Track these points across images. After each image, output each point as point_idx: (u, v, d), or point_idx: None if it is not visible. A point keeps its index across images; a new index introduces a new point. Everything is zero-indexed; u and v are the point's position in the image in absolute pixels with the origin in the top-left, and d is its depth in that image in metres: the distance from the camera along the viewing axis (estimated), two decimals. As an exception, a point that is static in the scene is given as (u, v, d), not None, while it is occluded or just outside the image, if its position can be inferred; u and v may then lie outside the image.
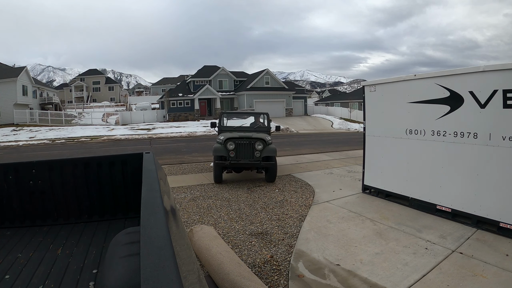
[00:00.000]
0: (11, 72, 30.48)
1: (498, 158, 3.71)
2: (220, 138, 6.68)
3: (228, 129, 7.72)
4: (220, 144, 6.56)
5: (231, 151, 6.42)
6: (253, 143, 6.47)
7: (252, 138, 6.52)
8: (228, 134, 6.84)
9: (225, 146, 6.44)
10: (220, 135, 7.10)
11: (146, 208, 1.15)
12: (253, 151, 6.45)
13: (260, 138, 6.53)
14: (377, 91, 5.47)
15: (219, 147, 6.52)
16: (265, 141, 6.56)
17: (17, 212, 2.77)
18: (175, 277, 0.72)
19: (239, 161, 6.45)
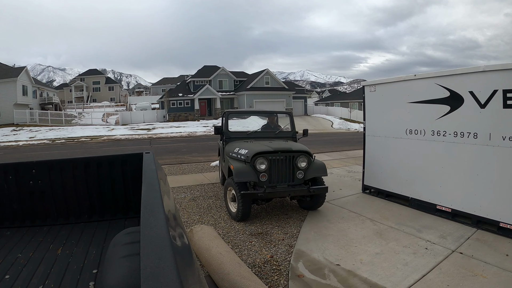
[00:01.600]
0: (11, 72, 30.47)
1: (498, 158, 3.71)
2: (242, 153, 4.45)
3: (238, 135, 5.49)
4: (243, 163, 4.31)
5: (262, 174, 4.22)
6: (294, 159, 4.37)
7: (292, 151, 4.40)
8: (248, 145, 4.71)
9: (253, 165, 4.22)
10: (233, 147, 4.90)
11: (146, 208, 1.15)
12: (294, 170, 4.39)
13: (303, 151, 4.46)
14: (377, 91, 5.47)
15: (244, 169, 4.21)
16: (310, 154, 4.51)
17: (17, 212, 2.77)
18: (175, 277, 0.72)
19: (274, 187, 4.30)
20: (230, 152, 4.84)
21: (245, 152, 4.38)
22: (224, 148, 5.38)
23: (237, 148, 4.70)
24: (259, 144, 4.76)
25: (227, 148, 5.12)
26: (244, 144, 4.84)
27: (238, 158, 4.50)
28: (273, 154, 4.32)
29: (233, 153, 4.72)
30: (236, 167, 4.27)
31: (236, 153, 4.62)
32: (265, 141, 5.04)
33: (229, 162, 4.67)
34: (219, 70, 38.66)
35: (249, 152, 4.33)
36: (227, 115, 5.82)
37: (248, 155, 4.28)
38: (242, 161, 4.37)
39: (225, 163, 5.30)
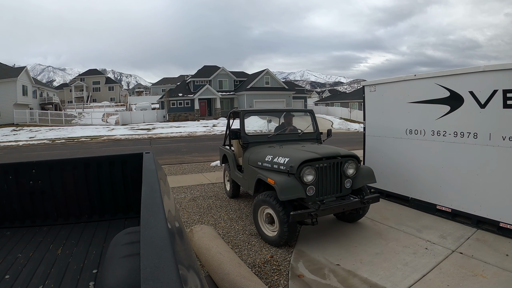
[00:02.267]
0: (11, 72, 30.48)
1: (498, 158, 3.71)
2: (281, 162, 3.62)
3: (258, 139, 4.68)
4: (285, 175, 3.48)
5: (309, 186, 3.45)
6: (342, 166, 3.68)
7: (340, 156, 3.70)
8: (284, 151, 3.90)
9: (300, 177, 3.40)
10: (260, 154, 4.08)
11: (146, 208, 1.15)
12: (342, 179, 3.70)
13: (351, 156, 3.79)
14: (377, 91, 5.47)
15: (290, 183, 3.36)
16: (358, 159, 3.86)
17: (17, 212, 2.77)
18: (175, 277, 0.72)
19: (322, 201, 3.52)
20: (259, 161, 3.98)
21: (286, 161, 3.54)
22: (244, 155, 4.50)
23: (269, 156, 3.84)
24: (296, 149, 3.95)
25: (252, 156, 4.23)
26: (276, 151, 3.99)
27: (276, 169, 3.65)
28: (320, 162, 3.54)
29: (266, 162, 3.84)
30: (279, 181, 3.35)
31: (271, 162, 3.76)
32: (297, 145, 4.34)
33: (260, 174, 3.78)
34: (219, 70, 38.67)
35: (292, 160, 3.48)
36: (243, 114, 4.80)
37: (292, 165, 3.41)
38: (282, 172, 3.53)
39: (244, 174, 4.54)
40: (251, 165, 4.21)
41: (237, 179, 5.05)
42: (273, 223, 3.63)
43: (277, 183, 3.36)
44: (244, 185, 4.65)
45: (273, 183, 3.41)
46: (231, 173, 5.35)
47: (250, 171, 4.22)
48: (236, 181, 5.17)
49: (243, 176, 4.62)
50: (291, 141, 4.73)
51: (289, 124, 5.12)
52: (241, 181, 4.80)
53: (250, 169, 4.24)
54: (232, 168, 5.23)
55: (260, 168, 3.95)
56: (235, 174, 5.06)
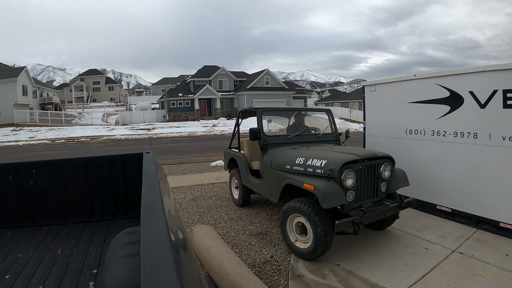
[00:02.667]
0: (11, 72, 30.49)
1: (498, 158, 3.71)
2: (317, 164, 3.28)
3: (277, 140, 4.30)
4: (324, 179, 3.13)
5: (350, 191, 3.16)
6: (378, 168, 3.44)
7: (377, 158, 3.46)
8: (316, 153, 3.58)
9: (340, 181, 3.09)
10: (287, 156, 3.75)
11: (146, 208, 1.15)
12: (378, 182, 3.46)
13: (387, 157, 3.56)
14: (377, 91, 5.47)
15: (333, 188, 3.02)
16: (393, 161, 3.66)
17: (17, 212, 2.77)
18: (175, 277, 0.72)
19: (360, 207, 3.26)
20: (287, 165, 3.63)
21: (324, 164, 3.20)
22: (263, 158, 4.12)
23: (300, 158, 3.49)
24: (329, 151, 3.65)
25: (275, 159, 3.87)
26: (305, 152, 3.65)
27: (311, 173, 3.31)
28: (358, 164, 3.28)
29: (297, 165, 3.49)
30: (321, 186, 2.99)
31: (304, 165, 3.40)
32: (324, 147, 4.11)
33: (290, 179, 3.45)
34: (219, 70, 38.67)
35: (331, 162, 3.15)
36: (260, 113, 4.40)
37: (332, 167, 3.08)
38: (319, 176, 3.19)
39: (263, 179, 4.14)
40: (275, 169, 3.84)
41: (251, 185, 4.59)
42: (305, 233, 3.24)
43: (318, 189, 2.99)
44: (263, 192, 4.20)
45: (312, 188, 3.04)
46: (242, 179, 4.88)
47: (275, 176, 3.82)
48: (250, 187, 4.69)
49: (262, 181, 4.19)
50: (311, 143, 4.42)
51: (301, 125, 4.79)
52: (259, 187, 4.32)
53: (273, 174, 3.86)
54: (244, 173, 4.81)
55: (289, 172, 3.58)
56: (249, 180, 4.63)
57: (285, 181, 3.53)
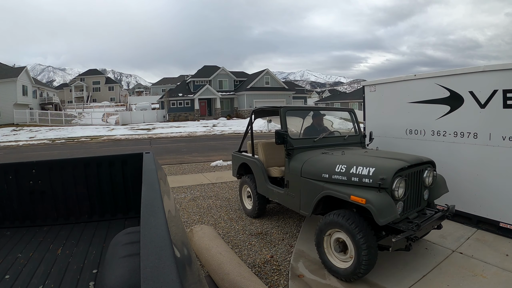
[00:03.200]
0: (11, 72, 30.49)
1: (498, 158, 3.71)
2: (364, 173, 2.85)
3: (304, 144, 3.87)
4: (375, 189, 2.72)
5: (399, 202, 2.82)
6: (421, 174, 3.13)
7: (422, 164, 3.16)
8: (358, 158, 3.19)
9: (391, 192, 2.73)
10: (323, 163, 3.30)
11: (146, 208, 1.16)
12: (421, 190, 3.15)
13: (430, 162, 3.28)
14: (377, 91, 5.47)
15: (387, 201, 2.65)
16: (435, 166, 3.37)
17: (17, 212, 2.77)
18: (175, 277, 0.72)
19: (407, 219, 2.97)
20: (324, 173, 3.16)
21: (373, 172, 2.78)
22: (290, 165, 3.65)
23: (341, 166, 3.03)
24: (369, 156, 3.28)
25: (307, 166, 3.41)
26: (343, 158, 3.24)
27: (356, 183, 2.86)
28: (406, 171, 2.92)
29: (338, 173, 3.02)
30: (374, 199, 2.59)
31: (346, 174, 2.95)
32: (358, 151, 3.73)
33: (330, 190, 3.01)
34: (219, 70, 38.68)
35: (382, 170, 2.75)
36: (284, 112, 3.94)
37: (384, 176, 2.68)
38: (367, 186, 2.78)
39: (290, 189, 3.64)
40: (307, 177, 3.36)
41: (271, 195, 4.07)
42: (345, 251, 2.87)
43: (371, 202, 2.57)
44: (289, 203, 3.70)
45: (363, 202, 2.62)
46: (258, 187, 4.34)
47: (307, 186, 3.34)
48: (269, 197, 4.20)
49: (288, 191, 3.68)
50: (337, 146, 4.07)
51: (321, 126, 4.41)
52: (283, 198, 3.80)
53: (305, 183, 3.38)
54: (260, 181, 4.26)
55: (326, 182, 3.12)
56: (267, 189, 4.10)
57: (323, 192, 3.08)
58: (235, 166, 5.07)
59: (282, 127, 3.86)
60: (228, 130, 24.75)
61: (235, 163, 5.07)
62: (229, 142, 16.89)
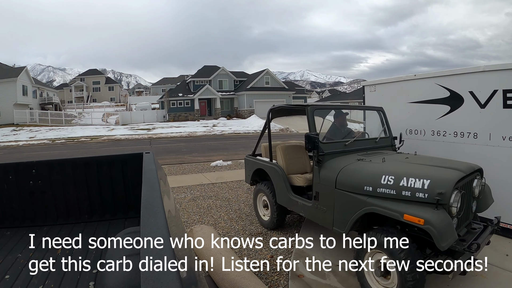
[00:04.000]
0: (11, 72, 30.49)
1: (498, 158, 3.71)
2: (417, 186, 2.42)
3: (335, 148, 3.41)
4: (432, 206, 2.31)
5: (455, 217, 2.45)
6: (471, 183, 2.78)
7: (475, 172, 2.82)
8: (402, 167, 2.80)
9: (448, 208, 2.33)
10: (362, 173, 2.84)
11: (146, 208, 1.16)
12: (470, 202, 2.80)
13: (479, 170, 2.91)
14: (377, 91, 5.47)
15: (448, 220, 2.25)
16: (482, 174, 2.99)
17: (17, 212, 2.77)
18: (175, 277, 0.72)
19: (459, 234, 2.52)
20: (367, 185, 2.69)
21: (428, 184, 2.36)
22: (320, 174, 3.18)
23: (388, 177, 2.58)
24: (416, 164, 2.87)
25: (343, 177, 2.94)
26: (389, 167, 2.79)
27: (407, 197, 2.44)
28: (461, 182, 2.53)
29: (385, 186, 2.57)
30: (435, 219, 2.19)
31: (395, 187, 2.51)
32: (398, 156, 3.33)
33: (375, 206, 2.58)
34: (219, 70, 38.66)
35: (437, 183, 2.35)
36: (312, 112, 3.45)
37: (442, 191, 2.29)
38: (421, 202, 2.37)
39: (320, 202, 3.18)
40: (343, 189, 2.90)
41: (295, 207, 3.61)
42: (386, 276, 2.50)
43: (431, 223, 2.17)
44: (319, 218, 3.25)
45: (421, 223, 2.21)
46: (278, 197, 3.88)
47: (344, 200, 2.89)
48: (292, 210, 3.73)
49: (317, 205, 3.21)
50: (369, 150, 3.65)
51: (344, 126, 3.96)
52: (310, 211, 3.35)
53: (342, 196, 2.91)
54: (281, 191, 3.80)
55: (370, 196, 2.66)
56: (290, 200, 3.65)
57: (366, 208, 2.64)
58: (249, 171, 4.53)
59: (311, 129, 3.34)
60: (228, 130, 24.76)
61: (249, 168, 4.53)
62: (229, 142, 16.89)
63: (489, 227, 2.83)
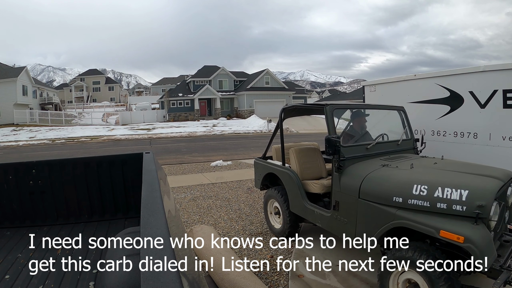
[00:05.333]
0: (11, 72, 30.49)
1: (498, 158, 3.71)
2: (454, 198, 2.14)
3: (357, 153, 3.10)
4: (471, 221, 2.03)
5: (493, 229, 2.18)
6: (506, 191, 2.51)
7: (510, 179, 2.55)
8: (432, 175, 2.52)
9: (488, 222, 2.07)
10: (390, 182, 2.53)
11: (146, 208, 1.16)
12: (503, 212, 2.50)
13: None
14: (377, 91, 5.47)
15: (486, 236, 1.98)
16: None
17: (17, 212, 2.78)
18: (175, 277, 0.72)
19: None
20: (396, 196, 2.41)
21: (466, 195, 2.12)
22: (341, 181, 2.90)
23: (420, 187, 2.31)
24: (447, 171, 2.62)
25: (368, 185, 2.66)
26: (420, 175, 2.53)
27: (442, 209, 2.19)
28: (499, 192, 2.24)
29: (417, 198, 2.30)
30: (476, 236, 1.95)
31: (429, 198, 2.25)
32: (427, 162, 3.05)
33: (405, 220, 2.31)
34: (219, 70, 38.66)
35: (476, 194, 2.11)
36: (331, 111, 3.11)
37: (482, 203, 2.05)
38: (457, 215, 2.13)
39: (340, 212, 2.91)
40: (368, 200, 2.62)
41: (310, 216, 3.33)
42: None
43: (472, 241, 1.93)
44: (339, 230, 2.95)
45: (461, 241, 1.97)
46: (291, 205, 3.60)
47: (370, 211, 2.60)
48: (308, 219, 3.44)
49: (337, 215, 2.93)
50: (391, 153, 3.37)
51: (363, 128, 3.61)
52: (328, 222, 3.07)
53: (366, 207, 2.63)
54: (295, 198, 3.52)
55: (399, 208, 2.38)
56: (305, 208, 3.36)
57: (395, 222, 2.37)
58: (259, 176, 4.23)
59: (330, 132, 2.99)
60: (228, 130, 24.76)
61: (259, 172, 4.23)
62: (229, 142, 16.89)
63: None
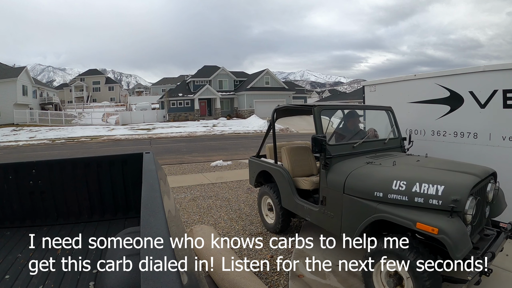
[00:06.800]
0: (11, 72, 30.49)
1: (498, 158, 3.71)
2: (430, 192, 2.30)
3: (343, 151, 3.26)
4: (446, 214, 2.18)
5: (469, 225, 2.31)
6: (485, 187, 2.67)
7: (489, 175, 2.74)
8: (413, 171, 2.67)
9: (463, 215, 2.22)
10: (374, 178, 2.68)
11: (146, 208, 1.16)
12: (484, 207, 2.68)
13: (493, 173, 2.84)
14: (377, 91, 5.47)
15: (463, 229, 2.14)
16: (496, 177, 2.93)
17: (17, 212, 2.78)
18: (175, 277, 0.72)
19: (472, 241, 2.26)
20: (377, 191, 2.57)
21: (442, 190, 2.26)
22: (327, 177, 3.06)
23: (400, 182, 2.46)
24: (428, 168, 2.77)
25: (352, 181, 2.81)
26: (399, 171, 2.68)
27: (419, 204, 2.33)
28: (476, 187, 2.40)
29: (396, 192, 2.45)
30: (449, 228, 2.08)
31: (407, 193, 2.39)
32: (408, 159, 3.14)
33: (385, 213, 2.45)
34: (219, 70, 38.66)
35: (452, 189, 2.25)
36: (319, 112, 3.28)
37: (457, 197, 2.18)
38: (434, 209, 2.26)
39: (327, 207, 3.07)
40: (352, 194, 2.78)
41: (300, 211, 3.48)
42: (400, 284, 2.35)
43: (446, 233, 2.06)
44: (326, 224, 3.14)
45: (435, 232, 2.10)
46: (283, 201, 3.76)
47: (352, 205, 2.77)
48: (298, 214, 3.59)
49: (324, 210, 3.10)
50: (377, 151, 3.48)
51: (356, 128, 3.80)
52: (316, 216, 3.23)
53: (350, 202, 2.79)
54: (287, 194, 3.68)
55: (380, 202, 2.54)
56: (296, 204, 3.52)
57: (375, 215, 2.52)
58: (253, 173, 4.43)
59: (318, 131, 3.16)
60: (228, 130, 24.76)
61: (253, 170, 4.43)
62: (229, 142, 16.89)
63: (503, 233, 2.70)
